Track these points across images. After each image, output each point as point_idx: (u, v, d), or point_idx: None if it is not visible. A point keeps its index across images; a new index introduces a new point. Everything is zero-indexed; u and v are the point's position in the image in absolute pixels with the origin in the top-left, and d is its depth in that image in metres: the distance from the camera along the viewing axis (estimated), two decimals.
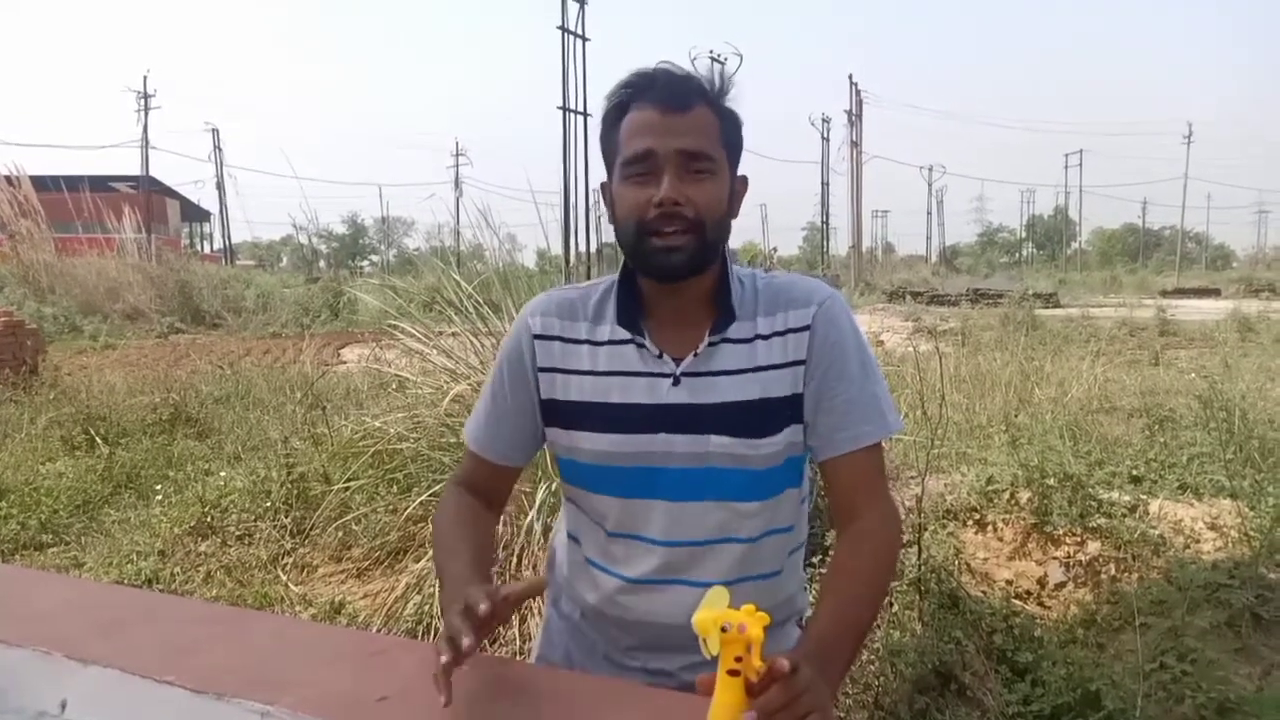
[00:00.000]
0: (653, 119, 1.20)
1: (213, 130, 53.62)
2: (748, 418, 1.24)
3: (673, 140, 1.19)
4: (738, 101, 1.28)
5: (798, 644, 1.16)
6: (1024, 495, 3.93)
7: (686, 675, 1.27)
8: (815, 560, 3.50)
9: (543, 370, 1.32)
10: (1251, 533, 3.60)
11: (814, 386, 1.26)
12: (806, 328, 1.26)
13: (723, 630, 0.93)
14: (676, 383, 1.25)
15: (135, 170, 45.03)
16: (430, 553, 3.61)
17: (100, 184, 36.44)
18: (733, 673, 0.94)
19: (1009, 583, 3.60)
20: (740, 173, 1.30)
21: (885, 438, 1.28)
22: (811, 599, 3.38)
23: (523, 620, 3.30)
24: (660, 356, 1.27)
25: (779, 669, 0.90)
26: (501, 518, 1.51)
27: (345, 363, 11.18)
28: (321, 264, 63.03)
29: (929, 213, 73.93)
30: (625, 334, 1.29)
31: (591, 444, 1.29)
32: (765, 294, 1.30)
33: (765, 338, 1.27)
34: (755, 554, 1.30)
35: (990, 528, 3.87)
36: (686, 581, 1.28)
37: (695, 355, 1.26)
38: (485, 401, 1.39)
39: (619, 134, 1.24)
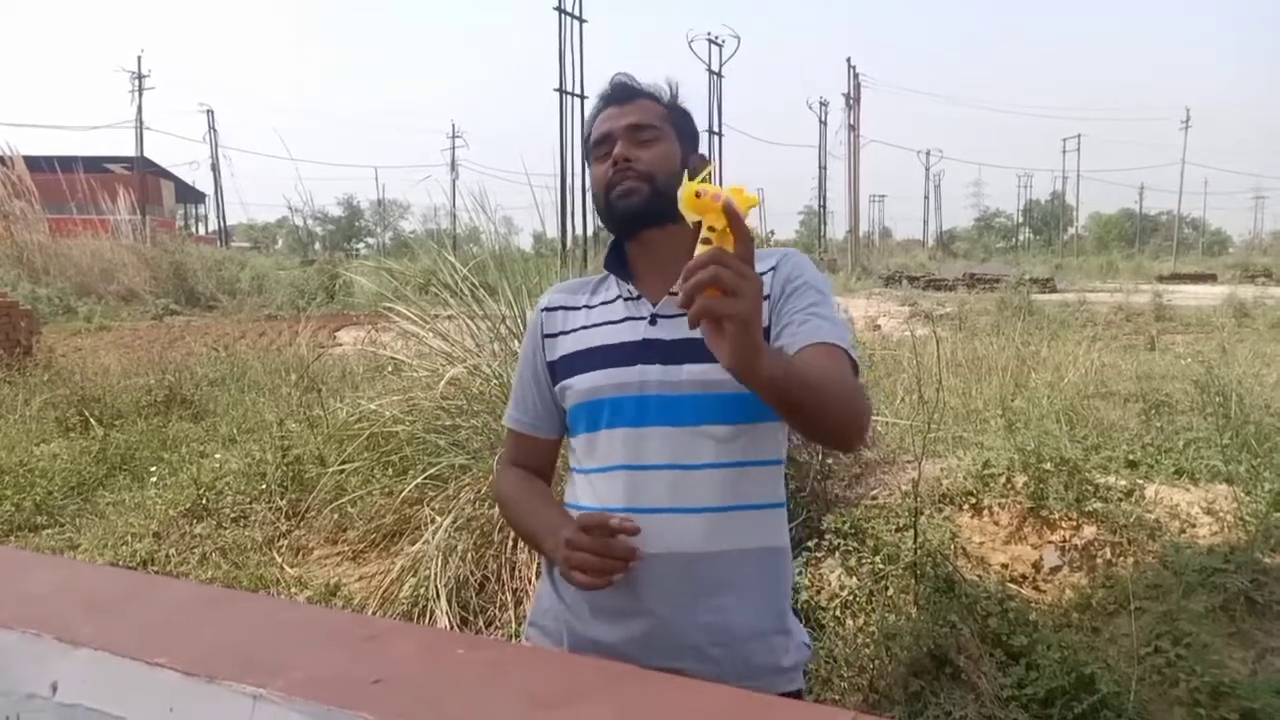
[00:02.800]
0: (606, 112, 1.48)
1: (208, 111, 53.34)
2: None
3: (621, 120, 1.45)
4: (691, 101, 1.54)
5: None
6: (1020, 479, 3.93)
7: (674, 617, 1.33)
8: (811, 544, 3.51)
9: (548, 336, 1.52)
10: (1247, 517, 3.60)
11: (776, 312, 1.38)
12: (771, 269, 1.41)
13: (697, 196, 0.92)
14: (653, 322, 1.41)
15: (130, 151, 44.80)
16: (424, 536, 3.62)
17: (95, 165, 36.31)
18: (705, 241, 0.93)
19: (1004, 567, 3.61)
20: (700, 153, 1.52)
21: (843, 346, 1.30)
22: (798, 574, 3.38)
23: (518, 604, 3.31)
24: (639, 299, 1.44)
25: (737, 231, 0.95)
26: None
27: (341, 345, 11.16)
28: (317, 246, 63.02)
29: (926, 197, 73.99)
30: (615, 292, 1.48)
31: (580, 384, 1.43)
32: None
33: None
34: (740, 481, 1.36)
35: (986, 512, 3.87)
36: (670, 510, 1.34)
37: (670, 295, 1.39)
38: (516, 383, 1.59)
39: (591, 138, 1.50)
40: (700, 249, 0.94)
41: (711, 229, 0.93)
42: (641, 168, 1.41)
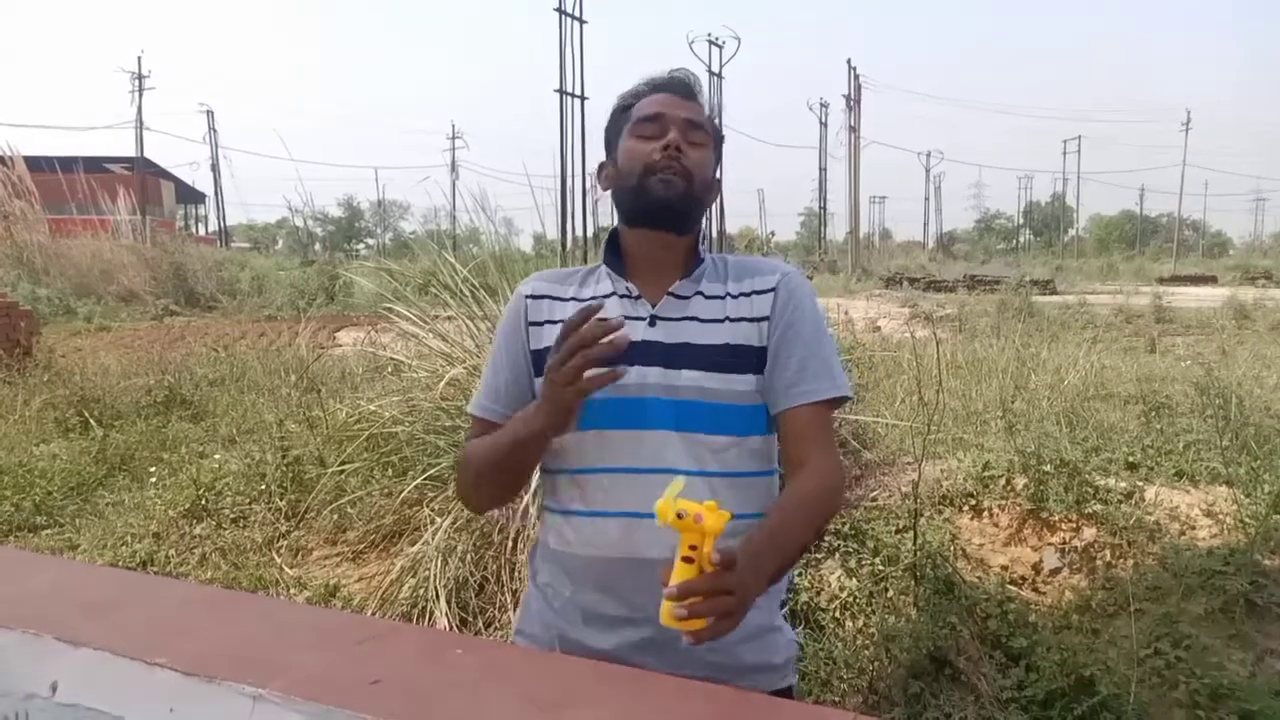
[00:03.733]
0: (665, 99, 1.44)
1: (208, 112, 53.35)
2: (717, 356, 1.37)
3: (679, 111, 1.42)
4: (726, 99, 1.52)
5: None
6: (1020, 481, 3.93)
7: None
8: (811, 546, 3.51)
9: (533, 324, 1.46)
10: (1247, 519, 3.60)
11: (773, 344, 1.39)
12: (771, 289, 1.42)
13: (679, 517, 0.94)
14: (652, 324, 1.39)
15: (130, 151, 44.81)
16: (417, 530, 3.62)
17: (95, 165, 36.31)
18: (687, 559, 0.96)
19: (1004, 568, 3.61)
20: (716, 176, 1.51)
21: (836, 396, 1.39)
22: (798, 575, 3.38)
23: (517, 605, 3.30)
24: (638, 298, 1.42)
25: (723, 560, 1.00)
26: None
27: (340, 346, 11.15)
28: (317, 247, 62.96)
29: (926, 199, 73.99)
30: (609, 288, 1.45)
31: None
32: (735, 267, 1.48)
33: (734, 296, 1.43)
34: (735, 490, 1.35)
35: (986, 513, 3.87)
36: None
37: (669, 295, 1.41)
38: (488, 371, 1.51)
39: (631, 113, 1.45)
40: (681, 567, 0.97)
41: (693, 547, 0.97)
42: (688, 164, 1.39)
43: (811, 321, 1.41)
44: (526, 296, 1.48)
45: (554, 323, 1.43)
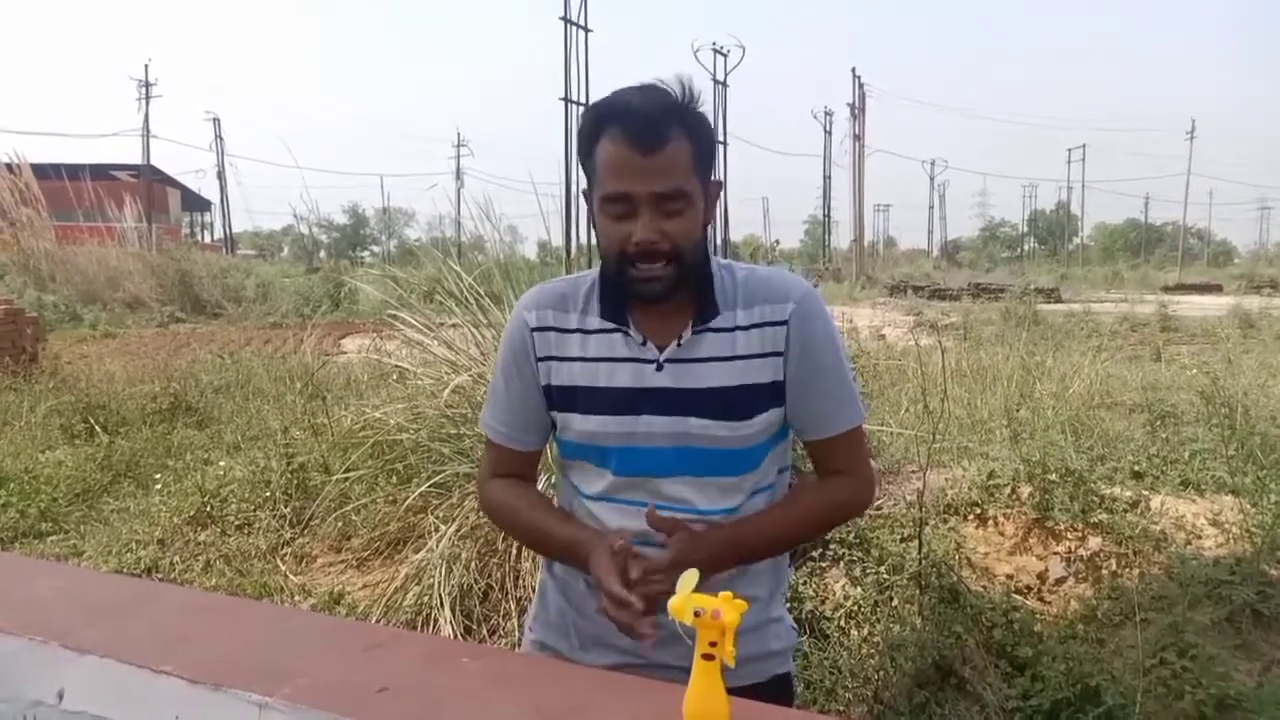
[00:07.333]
0: (627, 160, 1.23)
1: (214, 119, 53.59)
2: (727, 402, 1.33)
3: (647, 184, 1.23)
4: (707, 103, 1.37)
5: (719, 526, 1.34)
6: (1025, 490, 3.92)
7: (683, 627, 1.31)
8: (816, 554, 3.50)
9: (541, 360, 1.41)
10: (1253, 529, 3.58)
11: (793, 377, 1.35)
12: (784, 322, 1.34)
13: (696, 615, 0.94)
14: (660, 368, 1.34)
15: (136, 159, 44.98)
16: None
17: (101, 172, 36.42)
18: (707, 657, 0.94)
19: (1009, 578, 3.59)
20: (714, 178, 1.37)
21: (853, 426, 1.40)
22: (803, 584, 3.36)
23: (522, 612, 3.30)
24: (644, 344, 1.35)
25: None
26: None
27: (345, 353, 11.14)
28: (322, 254, 63.02)
29: (931, 207, 74.07)
30: (613, 323, 1.37)
31: (580, 425, 1.38)
32: (744, 287, 1.37)
33: (745, 329, 1.35)
34: (746, 512, 1.38)
35: (991, 522, 3.86)
36: None
37: (679, 344, 1.34)
38: (499, 393, 1.47)
39: (595, 161, 1.28)
40: (701, 665, 0.95)
41: (713, 644, 0.96)
42: (668, 247, 1.26)
43: (833, 349, 1.37)
44: (532, 330, 1.40)
45: (561, 359, 1.39)
